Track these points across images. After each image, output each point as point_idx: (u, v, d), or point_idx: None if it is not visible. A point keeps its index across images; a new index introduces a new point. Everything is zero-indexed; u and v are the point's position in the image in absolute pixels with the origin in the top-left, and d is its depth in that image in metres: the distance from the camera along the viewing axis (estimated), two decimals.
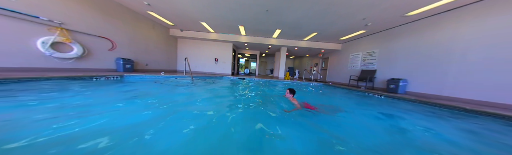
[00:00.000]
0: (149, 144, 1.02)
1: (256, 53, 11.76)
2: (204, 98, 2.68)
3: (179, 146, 1.06)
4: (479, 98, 3.05)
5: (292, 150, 1.13)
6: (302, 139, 1.31)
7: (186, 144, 1.09)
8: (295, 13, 4.51)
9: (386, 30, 5.48)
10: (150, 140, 1.07)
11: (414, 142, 1.43)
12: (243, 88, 4.60)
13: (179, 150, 1.01)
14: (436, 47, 3.90)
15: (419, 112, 2.60)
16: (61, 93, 2.18)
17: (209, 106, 2.27)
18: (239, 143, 1.18)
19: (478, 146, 1.39)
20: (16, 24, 2.82)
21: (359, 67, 6.63)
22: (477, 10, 3.25)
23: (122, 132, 1.16)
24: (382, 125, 1.97)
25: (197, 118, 1.69)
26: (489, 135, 1.70)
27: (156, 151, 0.95)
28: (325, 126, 1.77)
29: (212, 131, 1.35)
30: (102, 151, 0.88)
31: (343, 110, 2.54)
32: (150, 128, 1.26)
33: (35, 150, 0.84)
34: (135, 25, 5.34)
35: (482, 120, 2.24)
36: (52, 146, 0.89)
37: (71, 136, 1.03)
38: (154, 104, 2.10)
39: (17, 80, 2.31)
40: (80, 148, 0.89)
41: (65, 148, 0.88)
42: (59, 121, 1.24)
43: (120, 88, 3.18)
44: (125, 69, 4.83)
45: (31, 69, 3.11)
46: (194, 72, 6.78)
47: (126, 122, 1.39)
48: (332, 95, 4.48)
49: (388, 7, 3.76)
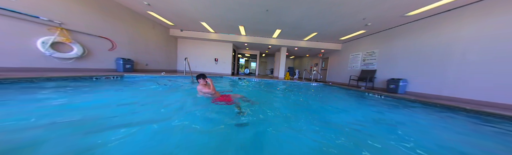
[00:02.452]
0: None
1: (256, 53, 11.76)
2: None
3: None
4: (479, 98, 3.05)
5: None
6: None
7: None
8: (295, 13, 4.50)
9: (386, 30, 5.48)
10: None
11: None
12: (243, 86, 4.59)
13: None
14: (436, 47, 3.89)
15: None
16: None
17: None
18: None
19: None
20: (16, 24, 2.82)
21: (359, 67, 6.63)
22: (477, 10, 3.24)
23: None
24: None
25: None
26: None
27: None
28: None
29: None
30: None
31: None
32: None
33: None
34: (135, 25, 5.34)
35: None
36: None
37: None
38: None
39: (17, 79, 2.31)
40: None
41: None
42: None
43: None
44: (125, 69, 4.83)
45: (31, 69, 3.11)
46: (194, 73, 6.78)
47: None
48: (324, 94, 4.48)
49: (388, 7, 3.76)
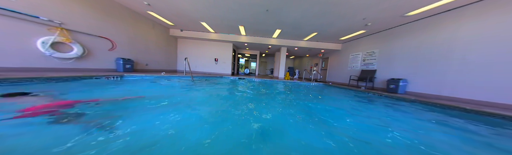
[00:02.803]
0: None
1: (256, 53, 11.77)
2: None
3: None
4: (479, 98, 3.05)
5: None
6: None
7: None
8: (295, 13, 4.50)
9: (386, 30, 5.48)
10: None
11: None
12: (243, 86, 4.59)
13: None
14: (436, 47, 3.90)
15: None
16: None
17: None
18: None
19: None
20: (16, 24, 2.82)
21: (359, 67, 6.63)
22: (477, 10, 3.25)
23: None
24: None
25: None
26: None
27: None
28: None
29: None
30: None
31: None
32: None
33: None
34: (135, 25, 5.34)
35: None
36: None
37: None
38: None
39: (17, 79, 2.31)
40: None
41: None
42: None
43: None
44: (125, 69, 4.83)
45: (31, 69, 3.11)
46: (194, 73, 6.79)
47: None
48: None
49: (388, 7, 3.76)
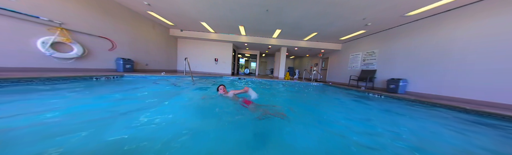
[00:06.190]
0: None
1: (256, 53, 11.76)
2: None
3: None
4: (479, 98, 3.06)
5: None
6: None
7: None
8: (295, 13, 4.50)
9: (386, 30, 5.48)
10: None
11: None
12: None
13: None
14: (436, 47, 3.90)
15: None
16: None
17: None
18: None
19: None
20: (16, 24, 2.82)
21: (359, 67, 6.63)
22: (477, 11, 3.25)
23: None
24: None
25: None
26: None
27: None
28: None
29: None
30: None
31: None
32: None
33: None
34: (135, 25, 5.34)
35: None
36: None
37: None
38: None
39: (17, 79, 2.30)
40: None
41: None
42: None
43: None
44: (125, 69, 4.83)
45: (31, 69, 3.11)
46: (194, 73, 6.79)
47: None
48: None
49: (388, 7, 3.76)
